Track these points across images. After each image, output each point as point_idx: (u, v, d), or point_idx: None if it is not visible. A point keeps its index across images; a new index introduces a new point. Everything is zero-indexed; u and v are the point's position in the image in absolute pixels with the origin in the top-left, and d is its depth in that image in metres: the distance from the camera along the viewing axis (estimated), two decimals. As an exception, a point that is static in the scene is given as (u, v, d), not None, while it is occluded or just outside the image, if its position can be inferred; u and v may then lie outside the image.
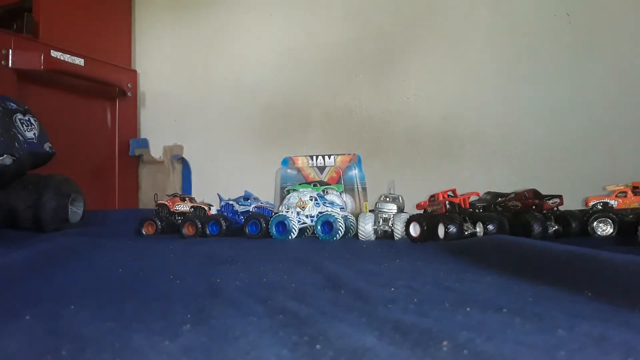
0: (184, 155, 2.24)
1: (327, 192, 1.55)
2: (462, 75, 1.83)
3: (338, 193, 1.58)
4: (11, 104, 1.39)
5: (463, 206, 1.21)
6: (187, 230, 1.38)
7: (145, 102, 2.35)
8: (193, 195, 1.69)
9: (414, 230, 1.20)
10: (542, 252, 0.68)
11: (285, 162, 1.71)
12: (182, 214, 1.49)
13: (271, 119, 2.12)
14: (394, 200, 1.35)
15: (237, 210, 1.47)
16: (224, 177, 2.16)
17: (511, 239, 0.85)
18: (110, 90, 2.13)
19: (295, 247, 1.13)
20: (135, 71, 2.28)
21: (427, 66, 1.88)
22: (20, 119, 1.37)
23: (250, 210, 1.45)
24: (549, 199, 1.20)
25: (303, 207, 1.36)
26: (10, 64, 1.70)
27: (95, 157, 2.11)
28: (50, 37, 1.85)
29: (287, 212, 1.35)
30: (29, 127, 1.39)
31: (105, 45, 2.16)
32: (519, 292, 0.55)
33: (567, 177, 1.64)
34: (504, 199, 1.28)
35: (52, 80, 1.88)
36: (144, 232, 1.44)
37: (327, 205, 1.36)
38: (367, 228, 1.27)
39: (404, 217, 1.25)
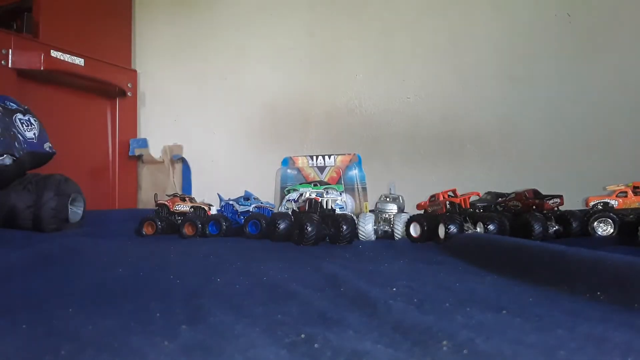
0: (183, 155, 2.24)
1: (327, 192, 1.55)
2: (462, 75, 1.83)
3: (338, 193, 1.58)
4: (11, 103, 1.39)
5: (463, 206, 1.21)
6: (187, 230, 1.38)
7: (145, 101, 2.34)
8: (193, 195, 1.69)
9: (415, 230, 1.20)
10: (541, 252, 0.68)
11: (285, 162, 1.71)
12: (182, 214, 1.49)
13: (271, 119, 2.12)
14: (395, 200, 1.35)
15: (237, 210, 1.47)
16: (224, 177, 2.16)
17: (508, 239, 0.84)
18: (110, 90, 2.13)
19: (295, 247, 1.13)
20: (135, 71, 2.28)
21: (427, 66, 1.88)
22: (20, 119, 1.37)
23: (250, 210, 1.45)
24: (550, 199, 1.20)
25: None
26: (10, 64, 1.70)
27: (95, 157, 2.11)
28: (50, 37, 1.85)
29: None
30: (29, 127, 1.38)
31: (105, 45, 2.16)
32: (519, 293, 0.55)
33: (568, 177, 1.64)
34: (504, 199, 1.28)
35: (52, 80, 1.87)
36: (143, 232, 1.44)
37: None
38: (367, 228, 1.27)
39: (405, 217, 1.25)
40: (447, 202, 1.23)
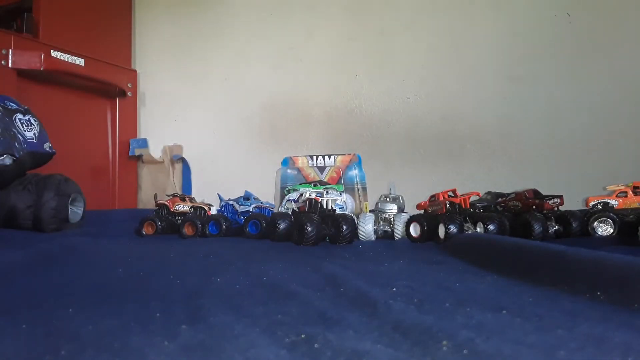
0: (183, 155, 2.24)
1: (327, 192, 1.55)
2: (462, 75, 1.83)
3: (338, 193, 1.58)
4: (11, 103, 1.39)
5: (463, 206, 1.21)
6: (187, 230, 1.38)
7: (145, 102, 2.34)
8: (193, 195, 1.69)
9: (415, 230, 1.20)
10: (541, 252, 0.68)
11: (285, 162, 1.71)
12: (182, 214, 1.49)
13: (271, 119, 2.12)
14: (395, 200, 1.35)
15: (237, 210, 1.47)
16: (224, 177, 2.16)
17: (508, 239, 0.84)
18: (110, 90, 2.13)
19: (295, 247, 1.13)
20: (135, 71, 2.28)
21: (427, 66, 1.88)
22: (20, 119, 1.37)
23: (250, 210, 1.45)
24: (550, 199, 1.20)
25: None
26: (10, 64, 1.70)
27: (95, 157, 2.11)
28: (50, 36, 1.85)
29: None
30: (29, 127, 1.39)
31: (105, 45, 2.16)
32: (519, 292, 0.55)
33: (568, 177, 1.64)
34: (504, 199, 1.28)
35: (52, 80, 1.87)
36: (144, 232, 1.44)
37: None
38: (367, 228, 1.27)
39: (405, 217, 1.25)
40: (447, 202, 1.23)
